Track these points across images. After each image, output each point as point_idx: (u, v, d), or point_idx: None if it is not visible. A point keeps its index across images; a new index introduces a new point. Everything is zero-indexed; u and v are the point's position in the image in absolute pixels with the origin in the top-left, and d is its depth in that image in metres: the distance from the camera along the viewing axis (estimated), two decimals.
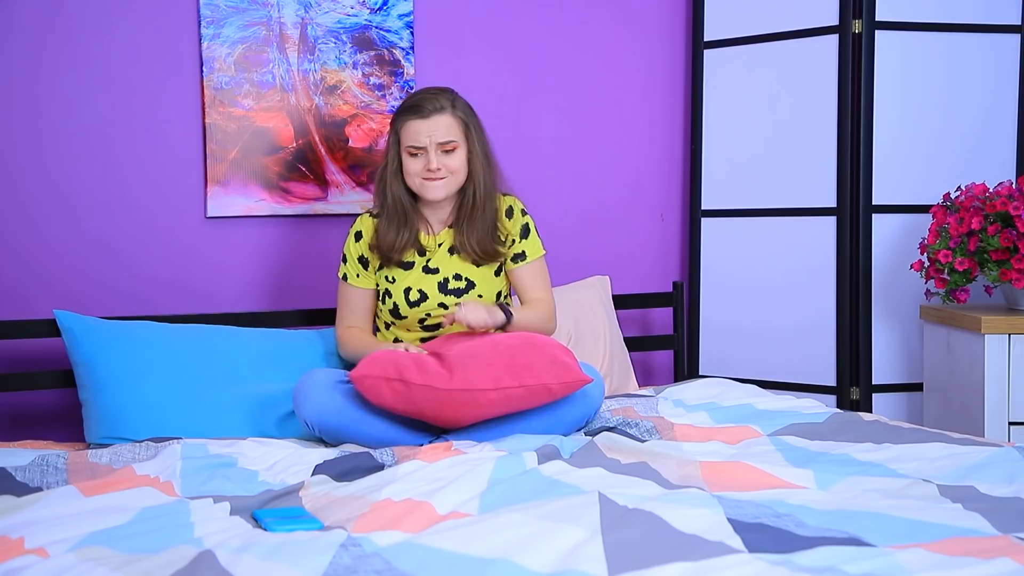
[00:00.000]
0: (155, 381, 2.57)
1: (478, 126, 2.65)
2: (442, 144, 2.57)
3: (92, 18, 2.92)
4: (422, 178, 2.59)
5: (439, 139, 2.56)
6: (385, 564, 1.52)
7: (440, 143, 2.56)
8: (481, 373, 2.26)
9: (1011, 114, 3.22)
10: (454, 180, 2.60)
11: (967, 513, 1.73)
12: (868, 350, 3.20)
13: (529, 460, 2.09)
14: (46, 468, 2.13)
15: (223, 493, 1.97)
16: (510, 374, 2.28)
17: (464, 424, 2.35)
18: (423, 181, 2.59)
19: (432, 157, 2.56)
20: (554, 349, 2.36)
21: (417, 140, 2.56)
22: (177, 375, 2.59)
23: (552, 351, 2.35)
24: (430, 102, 2.56)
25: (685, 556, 1.51)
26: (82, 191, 2.94)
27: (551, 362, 2.32)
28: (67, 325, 2.63)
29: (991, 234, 2.80)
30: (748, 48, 3.34)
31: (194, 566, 1.52)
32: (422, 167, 2.58)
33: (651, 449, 2.21)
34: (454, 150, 2.58)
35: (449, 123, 2.57)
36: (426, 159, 2.57)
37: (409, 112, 2.58)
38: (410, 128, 2.57)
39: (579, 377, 2.32)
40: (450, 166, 2.58)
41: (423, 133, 2.55)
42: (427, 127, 2.55)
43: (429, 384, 2.25)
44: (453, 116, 2.58)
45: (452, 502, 1.85)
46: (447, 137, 2.57)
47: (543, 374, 2.29)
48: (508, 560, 1.51)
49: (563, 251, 3.33)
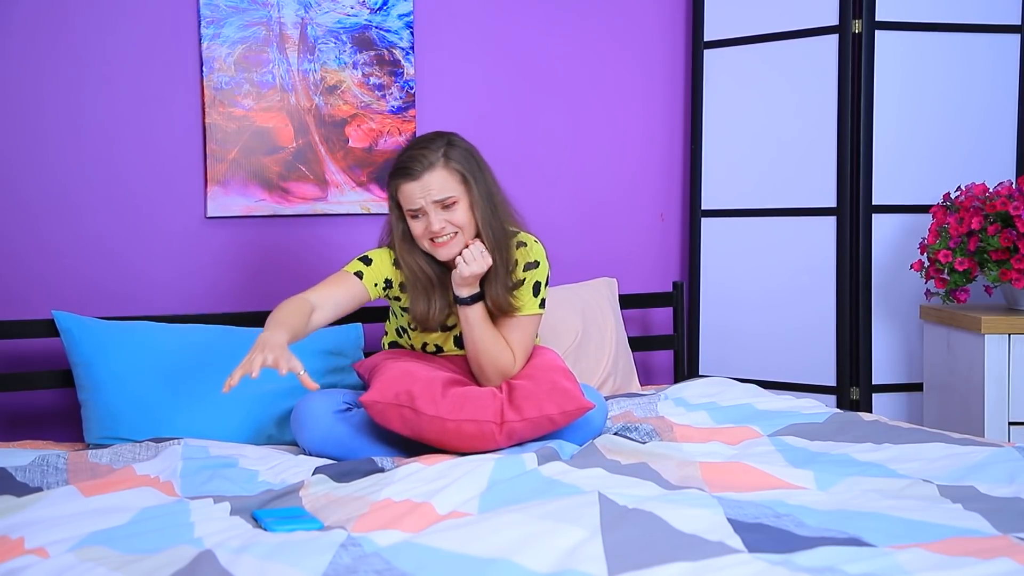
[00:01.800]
0: (154, 381, 2.57)
1: (477, 171, 2.44)
2: (439, 202, 2.38)
3: (92, 18, 2.92)
4: (429, 240, 2.42)
5: (434, 198, 2.38)
6: (385, 564, 1.52)
7: (436, 201, 2.38)
8: (485, 408, 2.25)
9: (1011, 114, 3.22)
10: (465, 234, 2.42)
11: (967, 513, 1.73)
12: (868, 350, 3.20)
13: (529, 461, 2.10)
14: (46, 468, 2.13)
15: (223, 493, 1.97)
16: (512, 408, 2.26)
17: (467, 452, 2.29)
18: (431, 244, 2.42)
19: (432, 218, 2.38)
20: (554, 374, 2.35)
21: (412, 203, 2.39)
22: (176, 375, 2.59)
23: (552, 376, 2.34)
24: (418, 161, 2.38)
25: (685, 556, 1.51)
26: (82, 191, 2.93)
27: (552, 389, 2.30)
28: (65, 326, 2.63)
29: (991, 234, 2.80)
30: (748, 48, 3.34)
31: (194, 566, 1.52)
32: (425, 228, 2.40)
33: (651, 450, 2.21)
34: (454, 204, 2.39)
35: (443, 178, 2.38)
36: (427, 220, 2.39)
37: (400, 175, 2.41)
38: (404, 192, 2.40)
39: (581, 404, 2.30)
40: (455, 221, 2.40)
41: (416, 195, 2.38)
42: (420, 188, 2.37)
43: (439, 416, 2.22)
44: (446, 169, 2.39)
45: (452, 502, 1.86)
46: (443, 195, 2.38)
47: (545, 404, 2.28)
48: (508, 560, 1.51)
49: (563, 251, 3.33)
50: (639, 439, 2.37)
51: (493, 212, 2.45)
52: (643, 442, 2.32)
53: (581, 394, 2.33)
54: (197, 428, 2.49)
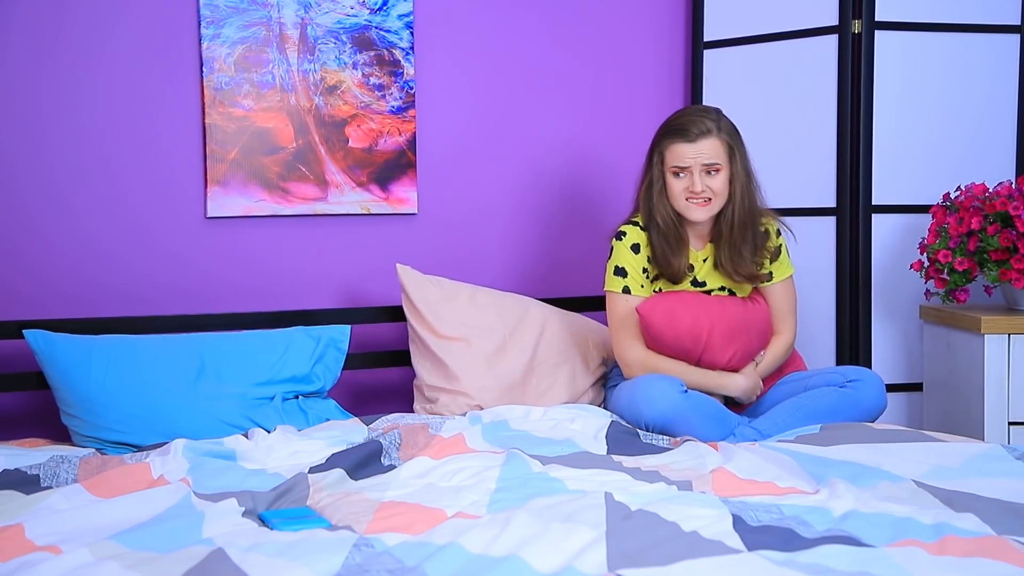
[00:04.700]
0: (129, 396, 2.56)
1: (741, 147, 2.71)
2: (706, 166, 2.63)
3: (92, 18, 2.91)
4: (685, 199, 2.66)
5: (704, 161, 2.63)
6: (396, 563, 1.52)
7: (705, 165, 2.63)
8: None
9: (1010, 114, 3.22)
10: (717, 202, 2.67)
11: (963, 514, 1.74)
12: (868, 350, 3.21)
13: (535, 463, 2.11)
14: (59, 467, 2.14)
15: (231, 489, 1.97)
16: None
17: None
18: (687, 203, 2.67)
19: (696, 179, 2.63)
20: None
21: (682, 161, 2.64)
22: (153, 388, 2.58)
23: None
24: (696, 125, 2.63)
25: (689, 556, 1.53)
26: (82, 191, 2.93)
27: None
28: (37, 347, 2.60)
29: (991, 234, 2.80)
30: (748, 48, 3.35)
31: (206, 564, 1.52)
32: (685, 187, 2.65)
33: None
34: (718, 172, 2.65)
35: (715, 146, 2.64)
36: (690, 180, 2.64)
37: (675, 134, 2.65)
38: (675, 150, 2.65)
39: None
40: (714, 188, 2.65)
41: (688, 155, 2.63)
42: (693, 150, 2.63)
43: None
44: (719, 138, 2.65)
45: (461, 502, 1.87)
46: (712, 160, 2.63)
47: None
48: (516, 558, 1.52)
49: (562, 253, 3.33)
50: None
51: (747, 188, 2.70)
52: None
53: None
54: (193, 435, 2.47)
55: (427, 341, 2.86)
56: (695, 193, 2.65)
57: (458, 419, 2.53)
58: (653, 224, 2.72)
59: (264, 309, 3.06)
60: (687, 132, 2.64)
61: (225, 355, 2.68)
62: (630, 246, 2.74)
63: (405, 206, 3.18)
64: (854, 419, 2.55)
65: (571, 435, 2.40)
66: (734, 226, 2.70)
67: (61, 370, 2.58)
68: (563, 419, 2.53)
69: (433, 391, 2.83)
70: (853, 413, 2.57)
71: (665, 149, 2.68)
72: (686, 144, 2.64)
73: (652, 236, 2.72)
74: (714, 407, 2.58)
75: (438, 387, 2.82)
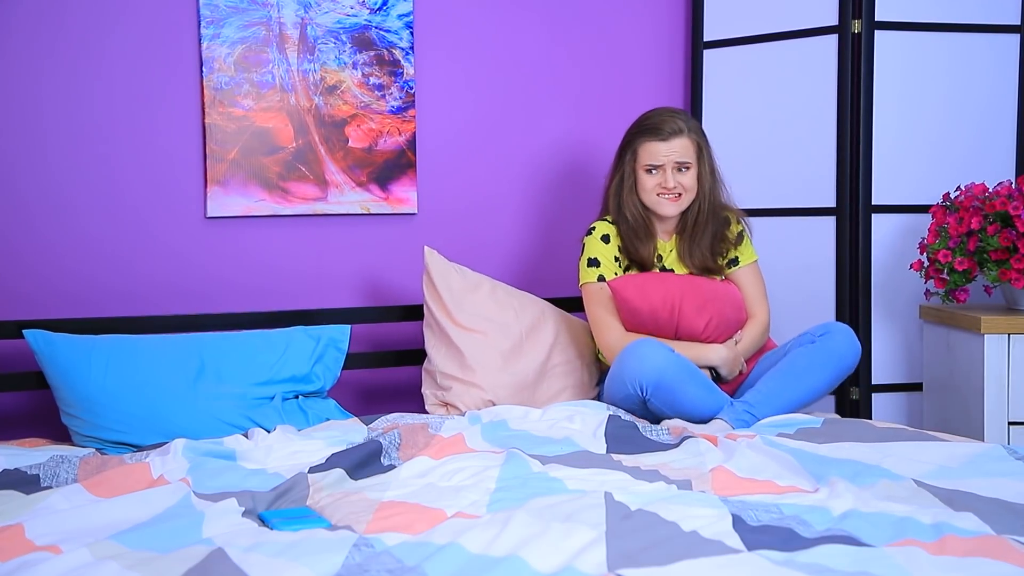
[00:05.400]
0: (128, 397, 2.56)
1: (708, 147, 2.87)
2: (678, 164, 2.80)
3: (92, 18, 2.91)
4: (657, 194, 2.82)
5: (676, 159, 2.79)
6: (396, 563, 1.52)
7: (676, 162, 2.79)
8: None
9: (1010, 114, 3.22)
10: (687, 197, 2.83)
11: (963, 513, 1.73)
12: (868, 350, 3.21)
13: (535, 463, 2.11)
14: (59, 466, 2.14)
15: (231, 489, 1.97)
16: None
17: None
18: (658, 198, 2.82)
19: (669, 176, 2.79)
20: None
21: (655, 159, 2.80)
22: (162, 385, 2.59)
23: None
24: (668, 124, 2.80)
25: (689, 555, 1.53)
26: (82, 191, 2.93)
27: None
28: (37, 347, 2.60)
29: (991, 234, 2.80)
30: (748, 48, 3.35)
31: (206, 564, 1.52)
32: (657, 183, 2.81)
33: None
34: (688, 169, 2.81)
35: (685, 144, 2.81)
36: (662, 176, 2.80)
37: (649, 133, 2.81)
38: (649, 148, 2.80)
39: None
40: (684, 184, 2.81)
41: (662, 153, 2.79)
42: (666, 148, 2.79)
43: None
44: (689, 138, 2.81)
45: (460, 502, 1.87)
46: (684, 158, 2.80)
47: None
48: (516, 558, 1.51)
49: (562, 252, 3.33)
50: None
51: (712, 185, 2.86)
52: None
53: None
54: (191, 435, 2.47)
55: (445, 327, 2.87)
56: (667, 189, 2.80)
57: (458, 419, 2.54)
58: (622, 219, 2.86)
59: (264, 309, 3.06)
60: (660, 131, 2.79)
61: (225, 355, 2.68)
62: (600, 237, 2.87)
63: (405, 206, 3.18)
64: (832, 370, 2.66)
65: (570, 434, 2.41)
66: (698, 221, 2.86)
67: (61, 370, 2.58)
68: (562, 418, 2.53)
69: (447, 379, 2.84)
70: (829, 364, 2.66)
71: (639, 147, 2.82)
72: (659, 142, 2.79)
73: (621, 229, 2.86)
74: (704, 376, 2.66)
75: (452, 375, 2.83)
